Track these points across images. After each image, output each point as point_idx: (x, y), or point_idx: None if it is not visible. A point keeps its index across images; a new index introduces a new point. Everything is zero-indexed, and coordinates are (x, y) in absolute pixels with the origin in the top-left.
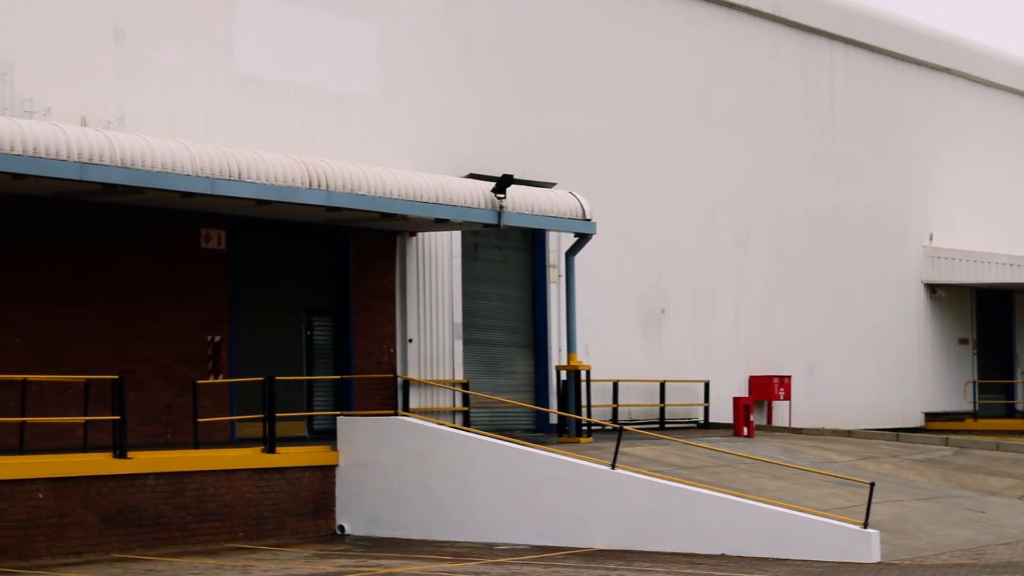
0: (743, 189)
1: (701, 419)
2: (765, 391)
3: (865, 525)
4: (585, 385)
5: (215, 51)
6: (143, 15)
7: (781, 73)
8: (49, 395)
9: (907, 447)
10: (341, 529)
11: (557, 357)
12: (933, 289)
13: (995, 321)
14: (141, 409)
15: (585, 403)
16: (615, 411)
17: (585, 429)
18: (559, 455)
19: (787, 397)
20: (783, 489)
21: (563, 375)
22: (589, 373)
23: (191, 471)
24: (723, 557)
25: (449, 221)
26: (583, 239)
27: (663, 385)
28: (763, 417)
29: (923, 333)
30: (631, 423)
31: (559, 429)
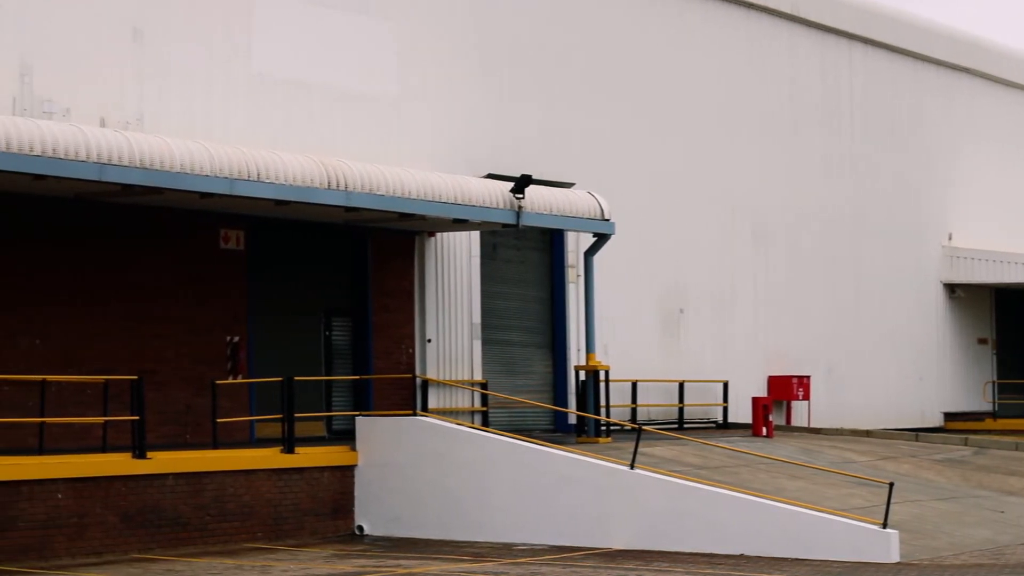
0: (762, 189)
1: (720, 419)
2: (784, 391)
3: (884, 525)
4: (604, 385)
5: (234, 51)
6: (162, 15)
7: (800, 73)
8: (68, 395)
9: (926, 447)
10: (360, 529)
11: (576, 357)
12: (952, 289)
13: (1015, 321)
14: (160, 409)
15: (604, 403)
16: (634, 411)
17: (604, 429)
18: (578, 455)
19: (806, 397)
20: (802, 489)
21: (582, 375)
22: (608, 373)
23: (210, 471)
24: (742, 557)
25: (468, 221)
26: (602, 239)
27: (682, 385)
28: (782, 417)
29: (942, 333)
30: (650, 423)
31: (578, 429)
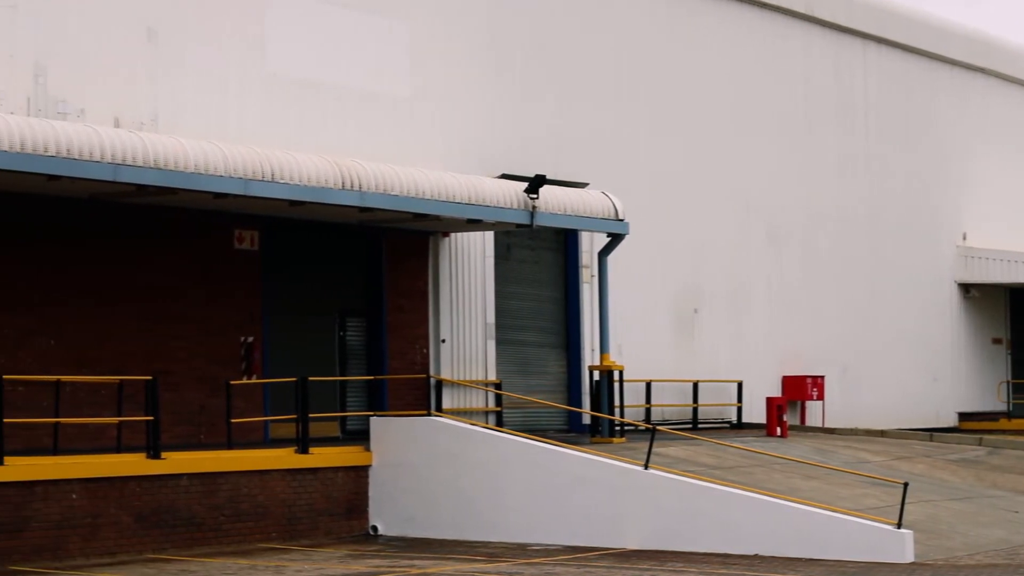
0: (776, 189)
1: (734, 419)
2: (798, 391)
3: (899, 525)
4: (618, 385)
5: (248, 51)
6: (176, 16)
7: (814, 72)
8: (83, 396)
9: (941, 447)
10: (374, 529)
11: (590, 357)
12: (967, 289)
13: None
14: (174, 410)
15: (618, 403)
16: (648, 411)
17: (618, 429)
18: (592, 455)
19: (820, 397)
20: (816, 489)
21: (596, 375)
22: (622, 373)
23: (224, 471)
24: (756, 557)
25: (482, 221)
26: (616, 239)
27: (696, 385)
28: (796, 417)
29: (956, 333)
30: (664, 423)
31: (592, 429)
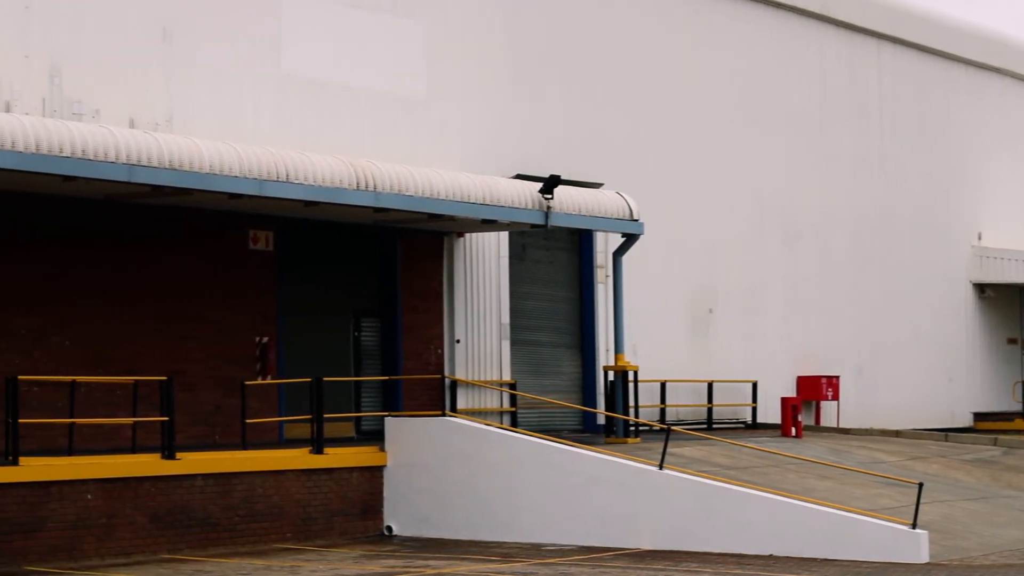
0: (791, 189)
1: (749, 419)
2: (813, 391)
3: (914, 525)
4: (633, 385)
5: (263, 52)
6: (191, 16)
7: (829, 72)
8: (98, 396)
9: (956, 447)
10: (389, 530)
11: (604, 357)
12: (982, 289)
13: None
14: (190, 410)
15: (633, 403)
16: (663, 411)
17: (633, 430)
18: (607, 455)
19: (835, 397)
20: (831, 489)
21: (611, 375)
22: (637, 373)
23: (239, 472)
24: (771, 558)
25: (496, 222)
26: (630, 239)
27: (711, 385)
28: (811, 417)
29: (972, 333)
30: (679, 423)
31: (607, 430)
